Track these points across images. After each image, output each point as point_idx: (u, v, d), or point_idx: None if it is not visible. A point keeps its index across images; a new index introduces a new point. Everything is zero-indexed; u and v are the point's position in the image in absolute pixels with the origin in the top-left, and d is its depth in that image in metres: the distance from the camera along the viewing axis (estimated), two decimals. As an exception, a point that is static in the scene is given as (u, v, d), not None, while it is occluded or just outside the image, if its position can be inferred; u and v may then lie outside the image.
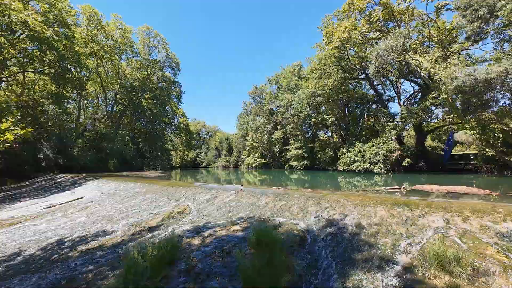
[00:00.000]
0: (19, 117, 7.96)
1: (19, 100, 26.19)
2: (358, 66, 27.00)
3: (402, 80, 28.25)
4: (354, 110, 32.55)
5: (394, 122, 23.36)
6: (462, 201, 5.21)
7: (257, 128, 47.86)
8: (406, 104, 26.25)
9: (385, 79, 29.26)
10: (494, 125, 15.97)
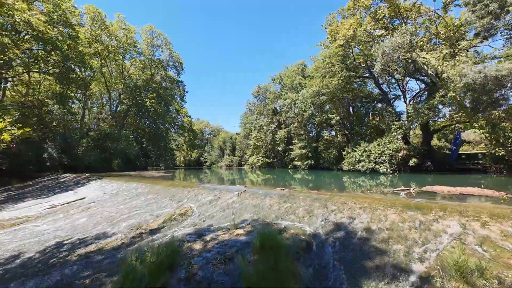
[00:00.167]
0: (18, 116, 7.85)
1: (25, 100, 26.45)
2: (363, 64, 26.59)
3: (408, 78, 27.73)
4: (358, 109, 32.15)
5: (400, 121, 22.95)
6: (479, 204, 4.96)
7: (260, 127, 47.61)
8: (412, 102, 25.77)
9: (390, 78, 28.79)
10: (504, 124, 15.53)
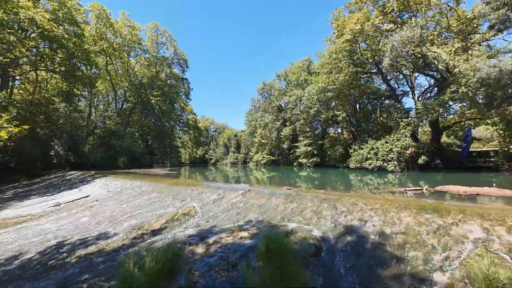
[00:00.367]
0: (15, 113, 7.77)
1: (32, 98, 26.70)
2: (370, 60, 25.97)
3: (417, 74, 27.05)
4: (365, 105, 31.55)
5: (409, 118, 22.39)
6: (502, 206, 4.63)
7: (265, 124, 47.30)
8: (421, 99, 25.13)
9: (398, 73, 28.12)
10: (520, 120, 14.95)
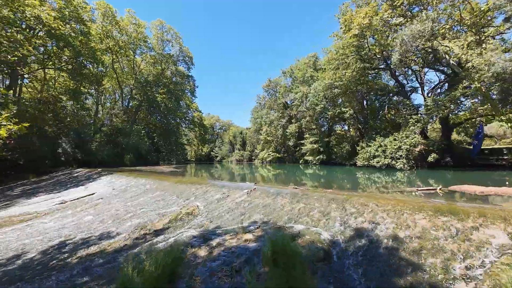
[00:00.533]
0: (15, 111, 7.74)
1: (41, 96, 27.03)
2: (378, 55, 25.36)
3: (427, 69, 26.32)
4: (373, 102, 30.95)
5: (418, 115, 21.82)
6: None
7: (271, 122, 47.00)
8: (430, 95, 24.45)
9: (407, 69, 27.42)
10: (536, 116, 14.35)
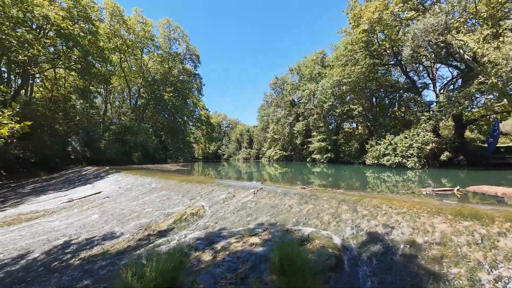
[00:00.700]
0: (18, 109, 7.75)
1: (51, 95, 27.52)
2: (388, 51, 24.69)
3: (439, 65, 25.47)
4: (382, 99, 30.24)
5: (430, 112, 21.14)
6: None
7: (278, 120, 46.69)
8: (442, 91, 23.67)
9: (418, 65, 26.63)
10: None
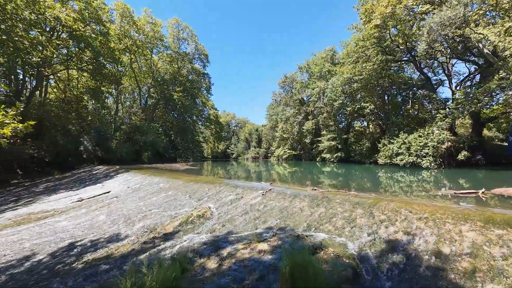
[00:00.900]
0: (22, 109, 7.77)
1: (65, 96, 28.17)
2: (401, 47, 23.85)
3: (455, 60, 24.44)
4: (394, 97, 29.35)
5: (446, 109, 20.28)
6: None
7: (287, 118, 46.25)
8: (459, 88, 22.69)
9: (432, 61, 25.64)
10: None
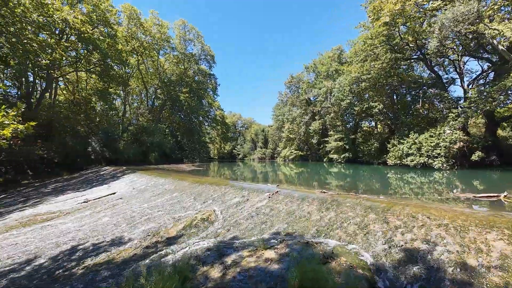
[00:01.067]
0: (23, 109, 7.75)
1: (74, 98, 28.58)
2: (411, 45, 23.25)
3: (466, 58, 23.70)
4: (404, 96, 28.70)
5: (458, 108, 19.64)
6: None
7: (293, 119, 45.91)
8: (472, 86, 21.95)
9: (443, 59, 24.93)
10: None
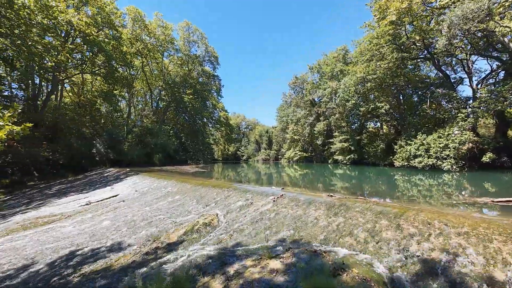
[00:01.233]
0: (20, 110, 7.68)
1: (79, 100, 28.78)
2: (418, 44, 22.81)
3: (475, 57, 23.17)
4: (410, 96, 28.21)
5: (468, 109, 19.16)
6: None
7: (297, 120, 45.61)
8: (481, 86, 21.43)
9: (450, 58, 24.42)
10: None
